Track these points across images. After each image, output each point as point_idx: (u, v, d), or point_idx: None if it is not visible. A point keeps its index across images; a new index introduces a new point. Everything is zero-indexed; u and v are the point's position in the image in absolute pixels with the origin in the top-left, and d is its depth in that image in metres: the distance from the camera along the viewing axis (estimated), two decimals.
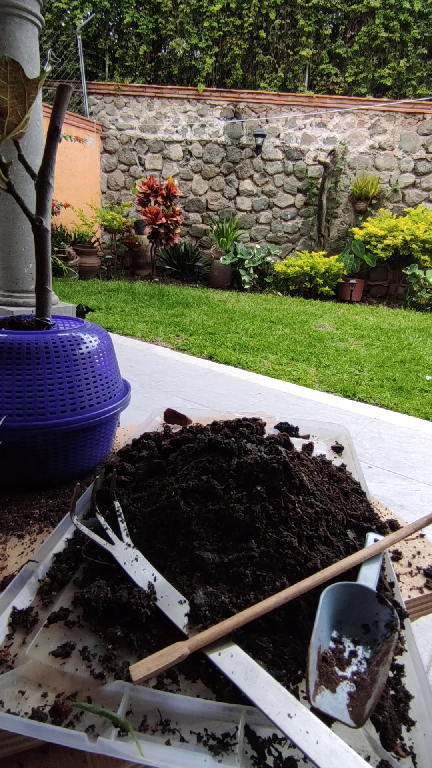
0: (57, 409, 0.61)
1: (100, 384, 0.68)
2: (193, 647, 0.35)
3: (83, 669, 0.37)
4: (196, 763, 0.30)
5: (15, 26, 2.60)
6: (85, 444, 0.66)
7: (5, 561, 0.52)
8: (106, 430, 0.71)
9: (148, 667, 0.34)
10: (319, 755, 0.28)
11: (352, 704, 0.33)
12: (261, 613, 0.38)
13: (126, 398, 0.75)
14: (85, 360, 0.65)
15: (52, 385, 0.61)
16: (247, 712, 0.33)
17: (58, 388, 0.61)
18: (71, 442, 0.64)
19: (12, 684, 0.36)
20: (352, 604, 0.42)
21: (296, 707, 0.31)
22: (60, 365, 0.62)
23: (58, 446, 0.63)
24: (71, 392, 0.63)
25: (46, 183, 0.62)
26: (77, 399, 0.64)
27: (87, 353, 0.66)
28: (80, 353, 0.65)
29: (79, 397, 0.64)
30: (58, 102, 0.60)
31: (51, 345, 0.61)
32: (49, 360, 0.61)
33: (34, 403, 0.59)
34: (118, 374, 0.76)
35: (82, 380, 0.65)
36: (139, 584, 0.43)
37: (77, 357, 0.64)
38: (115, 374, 0.73)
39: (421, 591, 0.53)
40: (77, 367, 0.64)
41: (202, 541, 0.48)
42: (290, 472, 0.54)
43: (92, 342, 0.68)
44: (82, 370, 0.65)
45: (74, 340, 0.64)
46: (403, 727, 0.34)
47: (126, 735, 0.31)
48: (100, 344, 0.69)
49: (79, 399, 0.64)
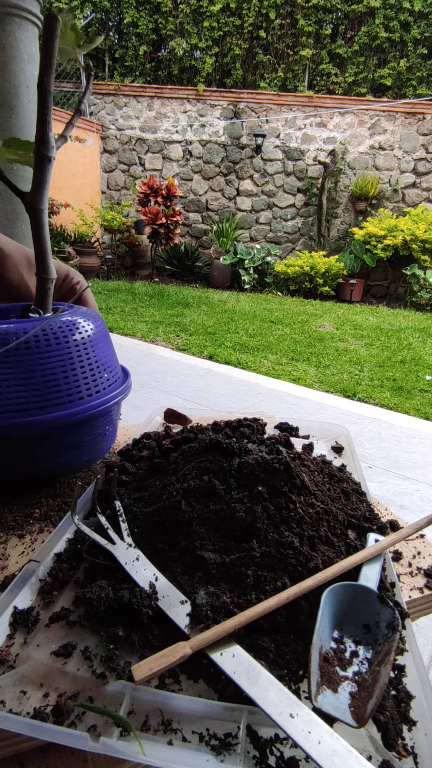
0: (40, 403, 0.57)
1: (97, 372, 0.64)
2: (195, 647, 0.35)
3: (85, 669, 0.37)
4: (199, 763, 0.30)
5: (15, 26, 2.60)
6: (75, 439, 0.63)
7: (6, 561, 0.52)
8: (98, 425, 0.67)
9: (150, 667, 0.34)
10: (321, 755, 0.28)
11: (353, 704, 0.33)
12: (263, 613, 0.38)
13: (127, 384, 0.72)
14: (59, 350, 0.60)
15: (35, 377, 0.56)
16: (249, 712, 0.33)
17: (44, 379, 0.57)
18: (56, 438, 0.60)
19: (13, 684, 0.36)
20: (353, 604, 0.43)
21: (298, 707, 0.31)
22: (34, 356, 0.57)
23: (43, 443, 0.60)
24: (56, 384, 0.59)
25: (43, 156, 0.55)
26: (64, 392, 0.59)
27: (80, 340, 0.62)
28: (73, 340, 0.61)
29: (66, 389, 0.59)
30: (49, 33, 0.49)
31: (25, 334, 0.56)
32: (29, 350, 0.56)
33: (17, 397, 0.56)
34: (113, 361, 0.71)
35: (69, 370, 0.60)
36: (140, 584, 0.43)
37: (69, 345, 0.60)
38: (110, 361, 0.69)
39: (422, 591, 0.53)
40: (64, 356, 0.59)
41: (204, 541, 0.48)
42: (291, 473, 0.54)
43: (84, 328, 0.64)
44: (76, 359, 0.61)
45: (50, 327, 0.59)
46: (405, 727, 0.34)
47: (128, 735, 0.31)
48: (89, 330, 0.64)
49: (66, 391, 0.59)
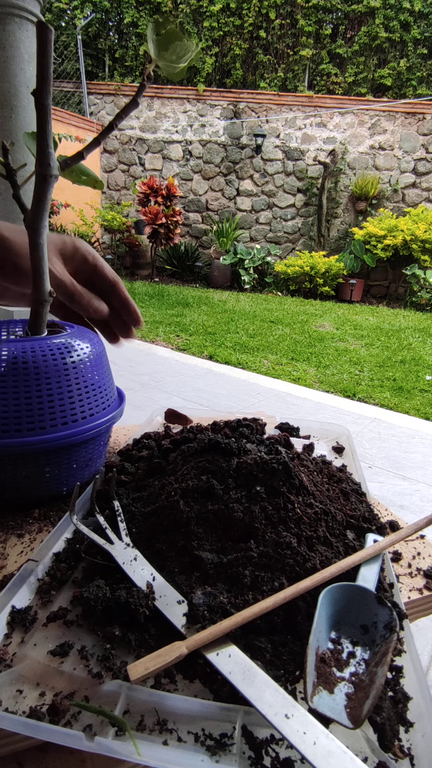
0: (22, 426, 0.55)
1: (85, 396, 0.60)
2: (191, 647, 0.35)
3: (81, 668, 0.37)
4: (194, 763, 0.30)
5: (15, 26, 2.61)
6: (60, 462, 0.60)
7: (5, 560, 0.52)
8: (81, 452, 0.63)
9: (146, 666, 0.34)
10: (316, 756, 0.28)
11: (349, 705, 0.33)
12: (259, 613, 0.38)
13: (120, 410, 0.67)
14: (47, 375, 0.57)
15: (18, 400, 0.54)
16: (244, 713, 0.33)
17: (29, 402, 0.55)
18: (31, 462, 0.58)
19: (10, 683, 0.36)
20: (350, 604, 0.42)
21: (294, 708, 0.31)
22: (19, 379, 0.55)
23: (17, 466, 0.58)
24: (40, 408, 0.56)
25: (43, 175, 0.51)
26: (44, 417, 0.57)
27: (70, 364, 0.58)
28: (65, 363, 0.58)
29: (49, 414, 0.57)
30: (43, 45, 0.42)
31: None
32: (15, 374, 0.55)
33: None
34: (107, 384, 0.66)
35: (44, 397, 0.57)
36: (137, 584, 0.43)
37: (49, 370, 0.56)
38: (104, 384, 0.64)
39: (421, 592, 0.53)
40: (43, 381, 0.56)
41: (202, 541, 0.48)
42: (290, 473, 0.54)
43: (78, 350, 0.60)
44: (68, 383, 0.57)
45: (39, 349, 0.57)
46: (402, 729, 0.34)
47: (123, 735, 0.31)
48: (84, 352, 0.61)
49: (52, 416, 0.57)
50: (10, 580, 0.46)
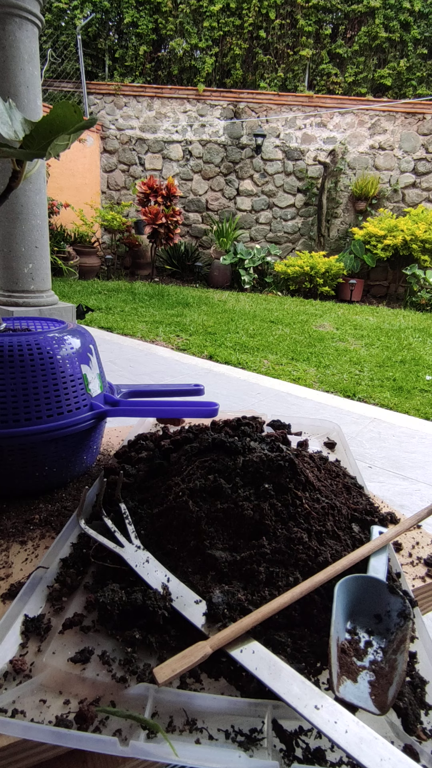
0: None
1: (71, 389, 0.64)
2: (215, 646, 0.35)
3: (104, 674, 0.37)
4: (231, 760, 0.30)
5: (15, 26, 2.60)
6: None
7: (9, 568, 0.51)
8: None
9: (173, 668, 0.34)
10: (349, 744, 0.28)
11: (374, 692, 0.34)
12: (279, 608, 0.39)
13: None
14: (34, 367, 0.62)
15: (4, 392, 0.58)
16: (272, 707, 0.33)
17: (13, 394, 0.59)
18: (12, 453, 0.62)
19: (32, 693, 0.35)
20: (364, 595, 0.43)
21: (322, 699, 0.31)
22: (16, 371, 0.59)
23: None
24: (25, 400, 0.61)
25: None
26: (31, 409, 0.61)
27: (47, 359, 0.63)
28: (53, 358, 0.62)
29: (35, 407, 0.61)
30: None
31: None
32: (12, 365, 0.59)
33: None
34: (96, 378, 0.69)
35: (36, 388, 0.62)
36: (153, 586, 0.43)
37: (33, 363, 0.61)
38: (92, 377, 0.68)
39: (424, 580, 0.54)
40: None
41: (213, 540, 0.48)
42: (296, 469, 0.54)
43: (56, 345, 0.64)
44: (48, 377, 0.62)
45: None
46: (422, 712, 0.34)
47: (154, 737, 0.31)
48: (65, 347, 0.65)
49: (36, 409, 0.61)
50: (20, 589, 0.45)
